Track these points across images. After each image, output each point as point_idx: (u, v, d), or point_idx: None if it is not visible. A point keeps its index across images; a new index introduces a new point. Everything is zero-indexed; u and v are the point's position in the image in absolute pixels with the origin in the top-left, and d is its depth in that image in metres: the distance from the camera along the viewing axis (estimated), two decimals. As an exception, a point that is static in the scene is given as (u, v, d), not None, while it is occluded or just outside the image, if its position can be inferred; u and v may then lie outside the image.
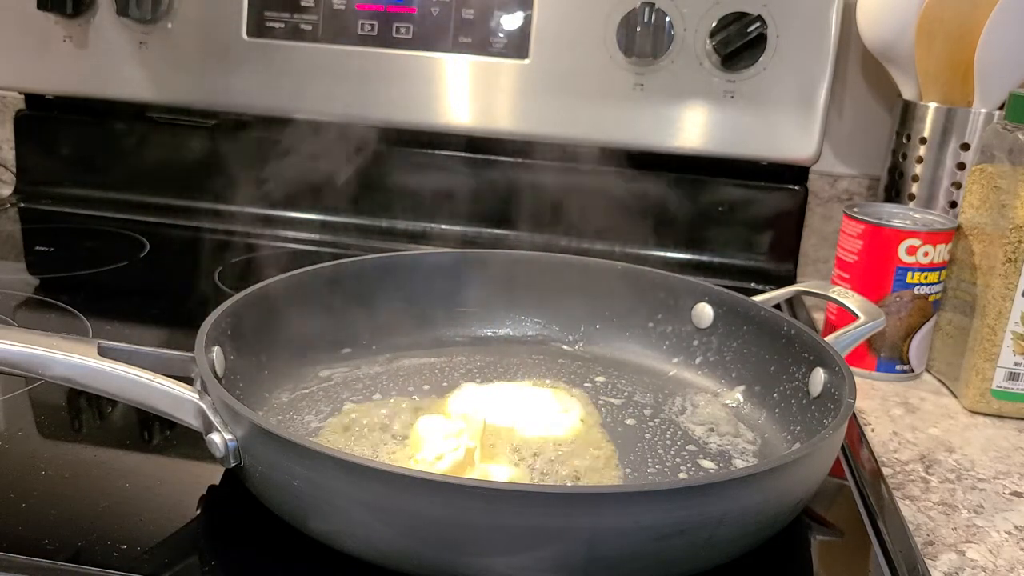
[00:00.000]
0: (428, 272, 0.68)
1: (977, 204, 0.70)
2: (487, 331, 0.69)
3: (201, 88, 0.94)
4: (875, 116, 0.96)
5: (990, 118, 0.80)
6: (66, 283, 0.80)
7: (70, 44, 0.95)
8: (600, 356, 0.67)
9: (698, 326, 0.65)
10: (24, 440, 0.52)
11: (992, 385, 0.67)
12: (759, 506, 0.41)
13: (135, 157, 1.00)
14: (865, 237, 0.71)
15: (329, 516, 0.40)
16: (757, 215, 0.92)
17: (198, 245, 0.92)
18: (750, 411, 0.59)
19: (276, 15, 0.91)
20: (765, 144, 0.87)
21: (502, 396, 0.59)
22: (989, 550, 0.50)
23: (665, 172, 0.92)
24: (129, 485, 0.47)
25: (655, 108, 0.88)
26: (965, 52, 0.80)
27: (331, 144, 0.94)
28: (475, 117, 0.91)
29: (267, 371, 0.57)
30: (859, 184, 0.97)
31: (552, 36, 0.88)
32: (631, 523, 0.38)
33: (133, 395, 0.45)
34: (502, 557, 0.38)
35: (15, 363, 0.45)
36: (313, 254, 0.92)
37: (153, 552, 0.42)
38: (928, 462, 0.60)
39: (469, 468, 0.48)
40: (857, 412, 0.66)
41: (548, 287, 0.69)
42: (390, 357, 0.64)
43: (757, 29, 0.83)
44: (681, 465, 0.52)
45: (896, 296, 0.71)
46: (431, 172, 0.95)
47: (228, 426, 0.43)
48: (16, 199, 1.02)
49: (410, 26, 0.90)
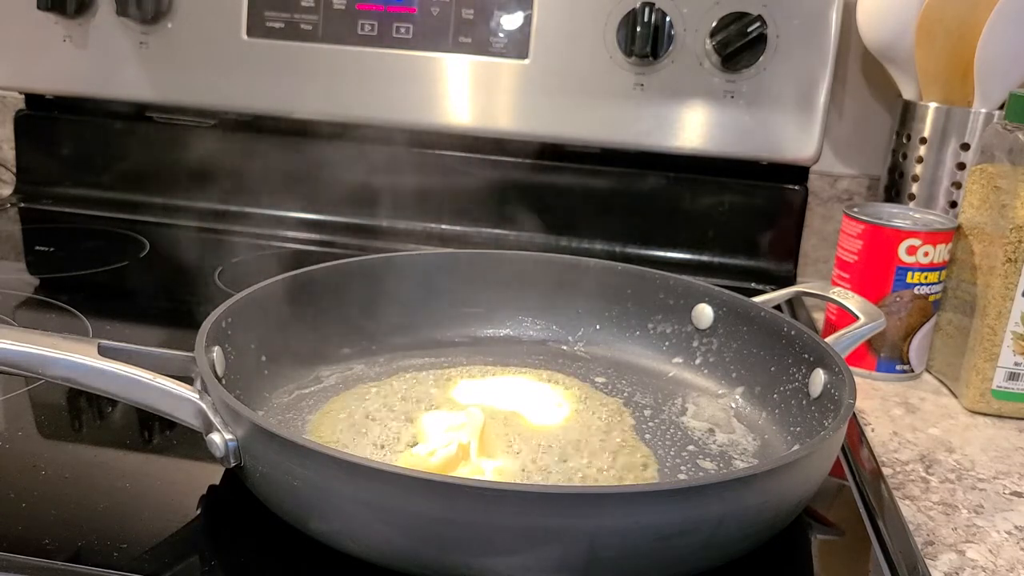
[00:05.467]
0: (428, 272, 0.68)
1: (977, 204, 0.70)
2: (487, 331, 0.69)
3: (201, 88, 0.94)
4: (875, 116, 0.96)
5: (990, 118, 0.80)
6: (66, 283, 0.80)
7: (70, 44, 0.95)
8: (600, 356, 0.67)
9: (698, 327, 0.65)
10: (24, 440, 0.52)
11: (992, 385, 0.67)
12: (759, 506, 0.41)
13: (135, 157, 1.00)
14: (865, 237, 0.71)
15: (329, 516, 0.40)
16: (757, 215, 0.92)
17: (198, 245, 0.92)
18: (750, 412, 0.59)
19: (276, 15, 0.91)
20: (765, 144, 0.87)
21: (505, 388, 0.59)
22: (989, 550, 0.50)
23: (665, 172, 0.92)
24: (129, 485, 0.47)
25: (655, 108, 0.88)
26: (965, 52, 0.80)
27: (331, 144, 0.94)
28: (475, 117, 0.91)
29: (267, 371, 0.57)
30: (859, 184, 0.97)
31: (552, 36, 0.88)
32: (631, 523, 0.38)
33: (133, 395, 0.45)
34: (502, 557, 0.38)
35: (15, 363, 0.45)
36: (313, 254, 0.91)
37: (153, 552, 0.42)
38: (928, 462, 0.60)
39: (463, 463, 0.48)
40: (857, 412, 0.66)
41: (548, 287, 0.69)
42: (390, 357, 0.64)
43: (757, 29, 0.83)
44: (681, 465, 0.52)
45: (896, 296, 0.71)
46: (431, 172, 0.95)
47: (228, 426, 0.43)
48: (16, 199, 1.02)
49: (410, 26, 0.90)
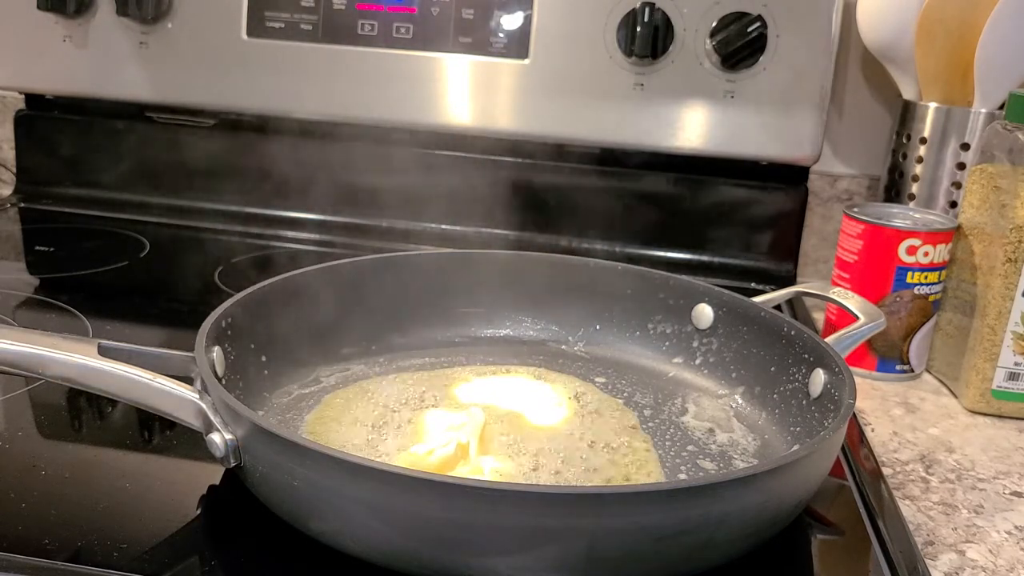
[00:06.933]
0: (428, 272, 0.68)
1: (977, 204, 0.70)
2: (487, 331, 0.69)
3: (201, 88, 0.94)
4: (875, 116, 0.96)
5: (990, 118, 0.80)
6: (66, 283, 0.80)
7: (70, 44, 0.95)
8: (600, 357, 0.67)
9: (698, 327, 0.65)
10: (24, 440, 0.51)
11: (992, 385, 0.67)
12: (759, 506, 0.41)
13: (135, 157, 1.00)
14: (865, 237, 0.71)
15: (329, 516, 0.40)
16: (757, 215, 0.92)
17: (198, 245, 0.92)
18: (750, 412, 0.59)
19: (276, 15, 0.91)
20: (765, 144, 0.87)
21: (505, 387, 0.59)
22: (989, 550, 0.50)
23: (665, 172, 0.92)
24: (129, 485, 0.47)
25: (655, 108, 0.88)
26: (965, 52, 0.80)
27: (331, 144, 0.94)
28: (475, 117, 0.91)
29: (267, 371, 0.57)
30: (859, 184, 0.97)
31: (552, 36, 0.88)
32: (631, 523, 0.38)
33: (133, 395, 0.45)
34: (502, 557, 0.38)
35: (15, 363, 0.45)
36: (313, 254, 0.91)
37: (153, 552, 0.42)
38: (928, 462, 0.60)
39: (462, 463, 0.48)
40: (857, 412, 0.66)
41: (548, 287, 0.69)
42: (390, 357, 0.64)
43: (757, 29, 0.83)
44: (681, 465, 0.52)
45: (896, 296, 0.71)
46: (431, 172, 0.95)
47: (228, 426, 0.43)
48: (16, 199, 1.02)
49: (410, 26, 0.90)
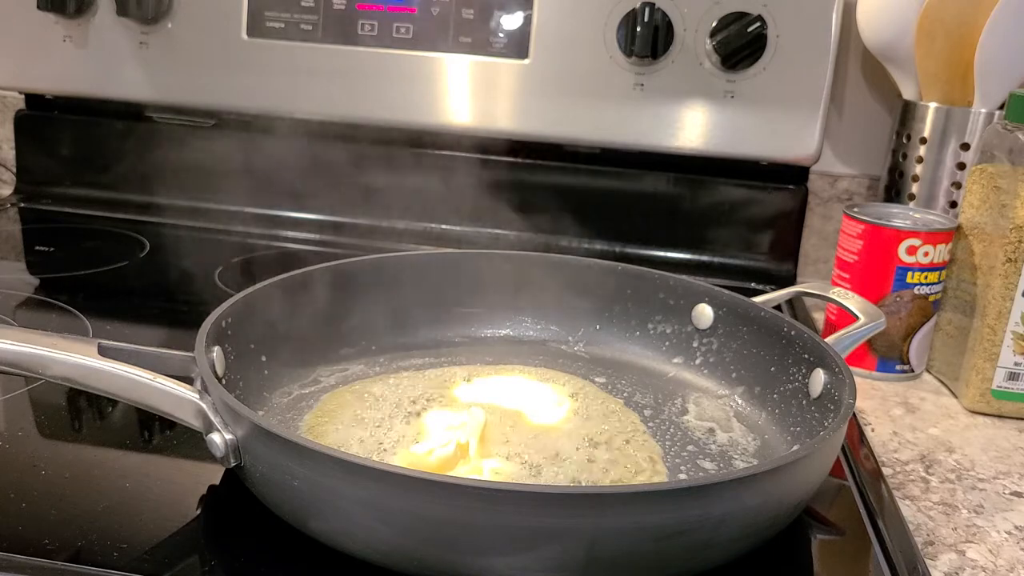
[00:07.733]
0: (428, 272, 0.68)
1: (977, 204, 0.70)
2: (487, 331, 0.69)
3: (201, 88, 0.94)
4: (875, 116, 0.96)
5: (990, 118, 0.80)
6: (66, 283, 0.80)
7: (70, 44, 0.95)
8: (600, 357, 0.67)
9: (698, 327, 0.65)
10: (24, 440, 0.51)
11: (992, 385, 0.67)
12: (759, 507, 0.41)
13: (135, 157, 1.00)
14: (865, 237, 0.71)
15: (329, 516, 0.40)
16: (757, 215, 0.92)
17: (198, 245, 0.92)
18: (750, 412, 0.59)
19: (276, 15, 0.91)
20: (765, 144, 0.87)
21: (505, 387, 0.59)
22: (989, 550, 0.50)
23: (665, 172, 0.92)
24: (129, 485, 0.47)
25: (655, 108, 0.88)
26: (965, 52, 0.80)
27: (330, 144, 0.94)
28: (475, 117, 0.91)
29: (267, 371, 0.57)
30: (859, 184, 0.97)
31: (552, 36, 0.88)
32: (631, 523, 0.38)
33: (133, 395, 0.45)
34: (502, 557, 0.38)
35: (15, 363, 0.45)
36: (313, 254, 0.91)
37: (153, 552, 0.42)
38: (928, 462, 0.60)
39: (461, 463, 0.48)
40: (857, 412, 0.66)
41: (548, 287, 0.69)
42: (390, 357, 0.64)
43: (757, 29, 0.83)
44: (681, 465, 0.52)
45: (896, 296, 0.71)
46: (431, 172, 0.95)
47: (228, 426, 0.43)
48: (16, 199, 1.02)
49: (410, 26, 0.90)
